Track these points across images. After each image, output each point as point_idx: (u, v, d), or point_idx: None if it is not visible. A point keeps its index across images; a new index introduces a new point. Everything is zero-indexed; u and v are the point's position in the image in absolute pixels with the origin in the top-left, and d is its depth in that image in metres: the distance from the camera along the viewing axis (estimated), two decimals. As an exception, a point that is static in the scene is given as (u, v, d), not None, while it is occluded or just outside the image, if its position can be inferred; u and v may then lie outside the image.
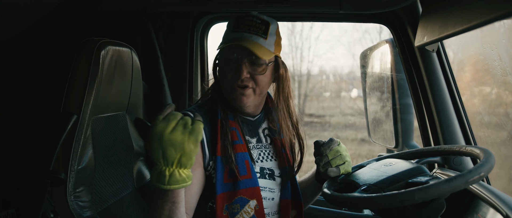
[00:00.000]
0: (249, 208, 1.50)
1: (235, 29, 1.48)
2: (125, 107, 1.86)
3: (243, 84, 1.48)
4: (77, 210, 1.46)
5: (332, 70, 13.90)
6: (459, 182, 1.11)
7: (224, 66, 1.50)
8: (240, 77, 1.45)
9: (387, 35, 2.28)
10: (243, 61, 1.46)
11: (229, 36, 1.49)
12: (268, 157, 1.60)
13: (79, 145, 1.49)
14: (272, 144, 1.64)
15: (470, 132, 1.93)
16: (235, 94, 1.49)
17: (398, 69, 2.29)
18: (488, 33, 1.98)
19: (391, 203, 1.14)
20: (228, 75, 1.48)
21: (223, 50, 1.49)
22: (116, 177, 1.73)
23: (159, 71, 2.28)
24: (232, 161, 1.45)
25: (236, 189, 1.44)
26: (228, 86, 1.49)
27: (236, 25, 1.49)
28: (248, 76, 1.47)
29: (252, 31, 1.48)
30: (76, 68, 1.51)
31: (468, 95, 2.50)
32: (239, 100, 1.49)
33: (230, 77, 1.48)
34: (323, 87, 13.48)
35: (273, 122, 1.65)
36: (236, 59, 1.47)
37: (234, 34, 1.48)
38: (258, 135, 1.62)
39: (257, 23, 1.49)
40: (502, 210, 1.27)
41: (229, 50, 1.47)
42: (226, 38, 1.51)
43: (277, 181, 1.59)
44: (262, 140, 1.62)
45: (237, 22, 1.49)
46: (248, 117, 1.60)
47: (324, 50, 15.85)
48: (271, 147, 1.63)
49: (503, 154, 2.46)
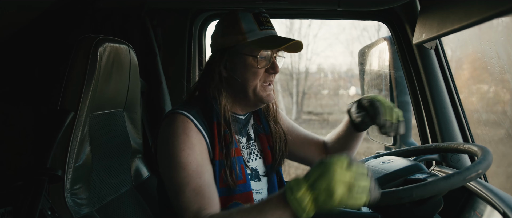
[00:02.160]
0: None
1: (263, 27, 1.47)
2: (123, 105, 1.85)
3: (272, 80, 1.51)
4: (75, 207, 1.46)
5: (330, 68, 13.95)
6: (457, 179, 1.11)
7: (256, 64, 1.45)
8: (277, 72, 1.48)
9: (386, 33, 2.28)
10: (274, 57, 1.48)
11: (261, 34, 1.46)
12: (254, 155, 1.58)
13: (76, 142, 1.48)
14: (257, 140, 1.62)
15: (467, 129, 1.93)
16: (266, 92, 1.49)
17: (396, 66, 2.29)
18: (486, 31, 1.98)
19: (389, 200, 1.14)
20: (260, 73, 1.46)
21: (256, 48, 1.45)
22: (113, 174, 1.73)
23: (157, 69, 2.27)
24: (229, 165, 1.43)
25: (232, 194, 1.43)
26: (259, 84, 1.47)
27: (260, 23, 1.48)
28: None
29: (273, 27, 1.51)
30: (73, 65, 1.51)
31: (466, 93, 2.51)
32: (271, 97, 1.50)
33: (262, 74, 1.47)
34: (322, 85, 13.51)
35: (259, 118, 1.64)
36: (270, 56, 1.47)
37: (264, 32, 1.47)
38: (248, 133, 1.60)
39: (270, 19, 1.53)
40: (499, 208, 1.27)
41: (263, 46, 1.45)
42: (257, 36, 1.46)
43: (263, 180, 1.57)
44: (251, 137, 1.60)
45: (259, 19, 1.49)
46: (239, 115, 1.57)
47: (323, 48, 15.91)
48: (256, 144, 1.61)
49: (501, 151, 2.47)
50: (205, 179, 1.35)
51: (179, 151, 1.35)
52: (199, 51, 2.50)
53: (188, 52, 2.42)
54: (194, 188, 1.32)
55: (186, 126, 1.39)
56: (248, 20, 1.47)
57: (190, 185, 1.32)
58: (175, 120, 1.40)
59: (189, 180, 1.33)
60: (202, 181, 1.34)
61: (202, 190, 1.33)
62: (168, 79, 2.32)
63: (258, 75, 1.46)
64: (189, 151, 1.36)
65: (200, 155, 1.38)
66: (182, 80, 2.41)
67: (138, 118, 1.98)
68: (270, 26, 1.49)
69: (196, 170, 1.35)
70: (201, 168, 1.36)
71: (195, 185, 1.32)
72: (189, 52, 2.43)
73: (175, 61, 2.41)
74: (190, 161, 1.35)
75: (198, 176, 1.34)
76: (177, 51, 2.41)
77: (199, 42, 2.50)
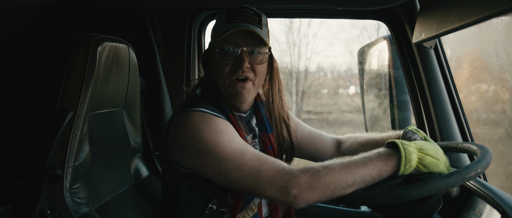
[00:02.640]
0: (253, 205, 1.49)
1: (230, 21, 1.43)
2: (122, 104, 1.85)
3: (244, 76, 1.43)
4: (74, 206, 1.46)
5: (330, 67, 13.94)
6: (456, 178, 1.11)
7: (221, 59, 1.43)
8: (241, 67, 1.40)
9: (385, 32, 2.28)
10: (243, 51, 1.41)
11: (225, 27, 1.43)
12: None
13: (75, 141, 1.48)
14: (259, 139, 1.60)
15: (467, 128, 1.93)
16: (235, 89, 1.43)
17: (395, 66, 2.29)
18: (486, 31, 1.98)
19: (388, 199, 1.15)
20: (226, 68, 1.42)
21: (218, 43, 1.43)
22: (113, 174, 1.73)
23: (156, 68, 2.27)
24: None
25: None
26: (227, 80, 1.44)
27: (230, 17, 1.43)
28: (249, 66, 1.42)
29: (248, 21, 1.43)
30: (72, 64, 1.51)
31: (465, 93, 2.51)
32: (241, 95, 1.44)
33: (229, 70, 1.42)
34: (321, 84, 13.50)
35: (261, 117, 1.60)
36: (234, 51, 1.42)
37: (229, 25, 1.42)
38: (254, 130, 1.58)
39: (251, 14, 1.45)
40: (499, 207, 1.27)
41: (227, 41, 1.41)
42: (221, 30, 1.44)
43: None
44: (256, 134, 1.58)
45: (231, 14, 1.44)
46: (241, 114, 1.55)
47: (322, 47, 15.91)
48: (258, 143, 1.60)
49: (500, 151, 2.47)
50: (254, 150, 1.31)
51: (216, 134, 1.30)
52: (198, 50, 2.50)
53: (187, 51, 2.42)
54: (252, 155, 1.27)
55: (208, 116, 1.36)
56: (221, 16, 1.47)
57: (246, 155, 1.27)
58: (192, 115, 1.35)
59: (242, 152, 1.27)
60: (253, 150, 1.30)
61: (260, 155, 1.28)
62: (168, 79, 2.33)
63: (223, 70, 1.43)
64: (227, 130, 1.33)
65: (236, 134, 1.35)
66: (181, 80, 2.41)
67: (137, 117, 1.98)
68: (241, 20, 1.42)
69: (241, 143, 1.31)
70: (244, 144, 1.32)
71: (251, 153, 1.28)
72: (189, 51, 2.43)
73: (175, 61, 2.41)
74: (233, 138, 1.31)
75: (246, 147, 1.30)
76: (177, 50, 2.41)
77: (199, 42, 2.50)
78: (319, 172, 1.18)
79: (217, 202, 1.45)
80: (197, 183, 1.42)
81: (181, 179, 1.44)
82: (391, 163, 1.18)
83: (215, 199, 1.44)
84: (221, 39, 1.42)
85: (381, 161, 1.18)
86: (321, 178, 1.17)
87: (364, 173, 1.18)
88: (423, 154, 1.17)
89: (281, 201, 1.22)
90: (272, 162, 1.25)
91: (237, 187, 1.30)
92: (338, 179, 1.17)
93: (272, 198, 1.24)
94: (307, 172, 1.19)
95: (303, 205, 1.21)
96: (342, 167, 1.18)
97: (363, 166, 1.18)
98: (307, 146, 1.76)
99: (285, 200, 1.21)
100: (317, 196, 1.19)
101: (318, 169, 1.19)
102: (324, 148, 1.76)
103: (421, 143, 1.22)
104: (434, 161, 1.16)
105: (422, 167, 1.16)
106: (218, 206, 1.45)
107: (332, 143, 1.77)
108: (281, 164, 1.24)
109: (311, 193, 1.18)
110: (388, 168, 1.19)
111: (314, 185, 1.17)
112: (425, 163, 1.16)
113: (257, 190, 1.25)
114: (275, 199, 1.23)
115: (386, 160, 1.18)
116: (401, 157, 1.16)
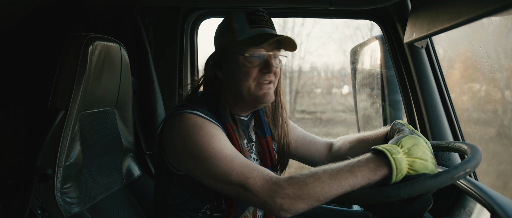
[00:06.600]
0: (248, 213, 1.50)
1: (254, 26, 1.44)
2: (114, 103, 1.85)
3: (270, 79, 1.46)
4: (65, 206, 1.45)
5: (323, 66, 13.93)
6: (445, 178, 1.12)
7: (247, 63, 1.43)
8: (270, 71, 1.43)
9: (379, 32, 2.28)
10: (270, 56, 1.44)
11: (250, 33, 1.43)
12: (251, 158, 1.57)
13: (66, 141, 1.48)
14: (256, 143, 1.61)
15: (458, 128, 1.95)
16: (263, 91, 1.45)
17: (387, 65, 2.30)
18: (477, 31, 1.99)
19: (377, 198, 1.15)
20: (253, 72, 1.43)
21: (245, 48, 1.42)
22: (104, 173, 1.73)
23: (148, 67, 2.26)
24: None
25: None
26: (253, 83, 1.44)
27: (252, 21, 1.45)
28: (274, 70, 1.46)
29: (268, 25, 1.47)
30: (63, 63, 1.50)
31: (457, 92, 2.52)
32: (268, 96, 1.46)
33: (256, 74, 1.44)
34: (315, 83, 13.51)
35: (259, 120, 1.62)
36: (261, 55, 1.43)
37: (255, 30, 1.44)
38: (249, 135, 1.59)
39: (267, 17, 1.49)
40: (488, 205, 1.28)
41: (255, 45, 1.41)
42: (246, 35, 1.44)
43: None
44: (252, 139, 1.60)
45: (252, 18, 1.45)
46: (242, 117, 1.56)
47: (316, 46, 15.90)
48: (255, 146, 1.61)
49: (491, 150, 2.48)
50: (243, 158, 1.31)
51: (208, 138, 1.31)
52: (191, 50, 2.50)
53: (179, 50, 2.42)
54: (241, 162, 1.28)
55: (202, 120, 1.36)
56: (240, 20, 1.46)
57: (235, 161, 1.28)
58: (186, 118, 1.36)
59: (232, 158, 1.29)
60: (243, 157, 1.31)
61: (249, 163, 1.29)
62: (160, 78, 2.32)
63: (250, 75, 1.44)
64: (218, 136, 1.33)
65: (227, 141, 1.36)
66: (173, 79, 2.41)
67: (129, 116, 1.97)
68: (263, 25, 1.46)
69: (232, 149, 1.32)
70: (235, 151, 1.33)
71: (240, 159, 1.29)
72: (181, 50, 2.43)
73: (167, 60, 2.41)
74: (223, 144, 1.32)
75: (237, 154, 1.31)
76: (169, 49, 2.40)
77: (191, 41, 2.49)
78: (306, 184, 1.18)
79: (211, 207, 1.45)
80: (188, 185, 1.42)
81: (173, 180, 1.44)
82: (380, 173, 1.16)
83: (209, 205, 1.44)
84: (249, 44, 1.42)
85: (370, 171, 1.17)
86: (309, 189, 1.18)
87: (354, 183, 1.17)
88: (412, 158, 1.16)
89: (268, 209, 1.23)
90: (261, 171, 1.25)
91: (225, 192, 1.31)
92: (327, 190, 1.17)
93: (258, 206, 1.25)
94: (294, 183, 1.19)
95: (290, 215, 1.22)
96: (331, 176, 1.18)
97: (352, 176, 1.17)
98: (302, 149, 1.77)
99: (272, 210, 1.22)
100: (305, 206, 1.19)
101: (305, 180, 1.19)
102: (318, 150, 1.77)
103: (408, 142, 1.19)
104: (423, 162, 1.15)
105: (412, 171, 1.16)
106: (211, 211, 1.46)
107: (325, 146, 1.78)
108: (269, 174, 1.25)
109: (298, 204, 1.19)
110: (377, 178, 1.17)
111: (301, 196, 1.18)
112: (415, 168, 1.15)
113: (244, 197, 1.26)
114: (262, 207, 1.24)
115: (375, 170, 1.17)
116: (392, 169, 1.14)
